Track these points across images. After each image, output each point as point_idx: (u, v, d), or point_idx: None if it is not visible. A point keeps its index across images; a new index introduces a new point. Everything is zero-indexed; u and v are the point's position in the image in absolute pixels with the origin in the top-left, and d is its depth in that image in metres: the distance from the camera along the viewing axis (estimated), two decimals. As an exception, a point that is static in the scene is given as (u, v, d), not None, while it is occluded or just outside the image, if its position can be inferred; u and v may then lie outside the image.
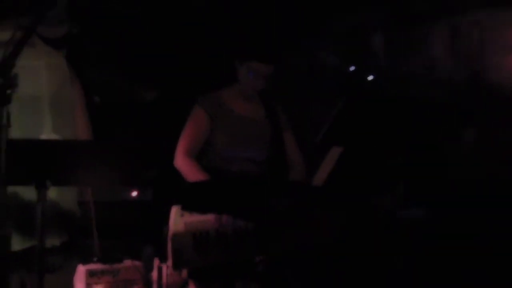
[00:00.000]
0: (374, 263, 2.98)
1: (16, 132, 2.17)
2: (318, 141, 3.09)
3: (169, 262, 3.06)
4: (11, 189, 2.34)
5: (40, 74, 2.72)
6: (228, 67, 3.48)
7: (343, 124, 2.60)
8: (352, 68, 4.79)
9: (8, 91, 2.00)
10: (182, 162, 3.33)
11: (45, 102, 2.71)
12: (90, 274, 3.33)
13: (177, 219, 3.00)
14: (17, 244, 2.61)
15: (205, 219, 2.92)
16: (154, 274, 3.37)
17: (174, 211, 3.04)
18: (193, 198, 2.76)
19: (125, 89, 4.81)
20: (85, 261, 3.35)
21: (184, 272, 3.10)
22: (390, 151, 2.65)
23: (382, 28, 4.89)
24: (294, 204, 2.67)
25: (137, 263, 3.52)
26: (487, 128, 4.30)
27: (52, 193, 2.49)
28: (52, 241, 2.63)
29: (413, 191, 2.78)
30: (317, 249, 2.93)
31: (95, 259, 3.41)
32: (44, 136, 2.66)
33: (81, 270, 3.31)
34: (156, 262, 3.70)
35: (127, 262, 3.51)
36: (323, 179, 2.67)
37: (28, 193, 2.47)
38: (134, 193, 4.35)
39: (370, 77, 4.60)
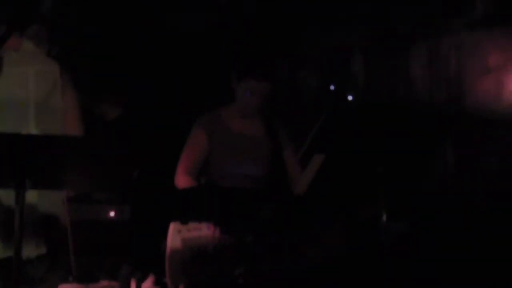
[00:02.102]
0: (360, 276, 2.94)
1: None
2: (300, 156, 3.06)
3: (167, 278, 3.00)
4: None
5: (28, 81, 2.67)
6: (225, 87, 3.49)
7: (324, 139, 2.57)
8: (332, 87, 4.82)
9: None
10: (183, 182, 3.30)
11: (31, 109, 2.65)
12: (66, 293, 3.24)
13: (175, 235, 2.96)
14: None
15: (202, 235, 2.88)
16: (132, 293, 3.29)
17: (172, 227, 3.01)
18: (179, 205, 2.71)
19: (89, 105, 4.76)
20: (61, 280, 3.26)
21: None
22: (372, 162, 2.63)
23: (361, 50, 4.92)
24: (274, 213, 2.63)
25: (113, 283, 3.44)
26: (465, 148, 4.32)
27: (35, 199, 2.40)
28: (33, 251, 2.53)
29: (396, 204, 2.76)
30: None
31: (70, 278, 3.31)
32: None
33: (56, 290, 3.22)
34: (133, 282, 3.62)
35: (103, 282, 3.42)
36: (305, 188, 2.63)
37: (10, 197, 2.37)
38: (112, 213, 4.27)
39: (350, 97, 4.63)
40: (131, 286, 3.63)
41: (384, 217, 2.60)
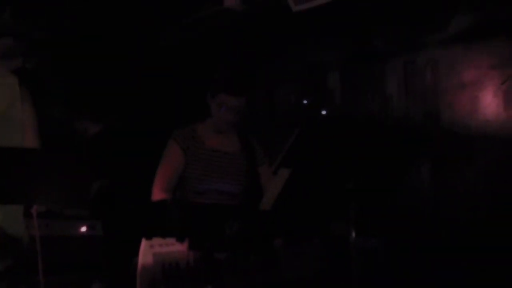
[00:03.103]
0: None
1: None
2: (274, 171, 3.03)
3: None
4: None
5: None
6: (200, 102, 3.47)
7: (296, 154, 2.56)
8: (305, 102, 4.83)
9: None
10: (159, 199, 3.27)
11: None
12: (34, 311, 3.18)
13: (146, 251, 2.92)
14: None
15: (174, 250, 2.84)
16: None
17: (144, 242, 2.97)
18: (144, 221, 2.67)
19: (67, 122, 4.75)
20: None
21: None
22: (343, 176, 2.61)
23: (338, 66, 4.94)
24: (240, 228, 2.60)
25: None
26: (441, 163, 4.33)
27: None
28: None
29: (367, 220, 2.74)
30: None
31: (40, 295, 3.25)
32: None
33: (24, 307, 3.16)
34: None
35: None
36: (271, 203, 2.60)
37: None
38: (83, 228, 4.22)
39: (324, 112, 4.64)
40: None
41: (354, 234, 2.58)
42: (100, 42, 4.97)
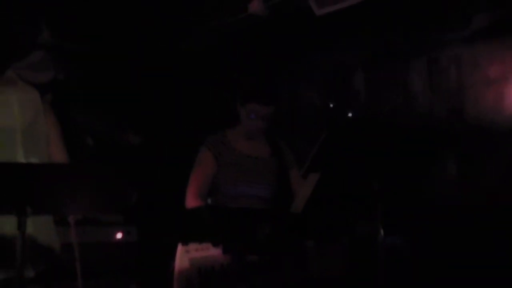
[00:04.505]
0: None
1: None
2: (302, 174, 3.10)
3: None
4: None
5: (12, 107, 2.73)
6: (230, 109, 3.55)
7: (325, 157, 2.61)
8: (332, 105, 4.87)
9: None
10: (193, 205, 3.34)
11: (18, 134, 2.71)
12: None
13: (183, 256, 3.00)
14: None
15: (210, 255, 2.92)
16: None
17: (180, 247, 3.04)
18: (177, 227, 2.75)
19: (111, 132, 4.85)
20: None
21: None
22: (369, 176, 2.67)
23: (362, 66, 4.96)
24: (272, 231, 2.66)
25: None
26: (467, 160, 4.34)
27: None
28: (31, 271, 2.59)
29: (393, 218, 2.79)
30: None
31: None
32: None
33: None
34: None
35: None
36: (301, 206, 2.67)
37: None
38: (119, 235, 4.32)
39: (350, 114, 4.68)
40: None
41: (381, 233, 2.63)
42: (121, 49, 5.05)
